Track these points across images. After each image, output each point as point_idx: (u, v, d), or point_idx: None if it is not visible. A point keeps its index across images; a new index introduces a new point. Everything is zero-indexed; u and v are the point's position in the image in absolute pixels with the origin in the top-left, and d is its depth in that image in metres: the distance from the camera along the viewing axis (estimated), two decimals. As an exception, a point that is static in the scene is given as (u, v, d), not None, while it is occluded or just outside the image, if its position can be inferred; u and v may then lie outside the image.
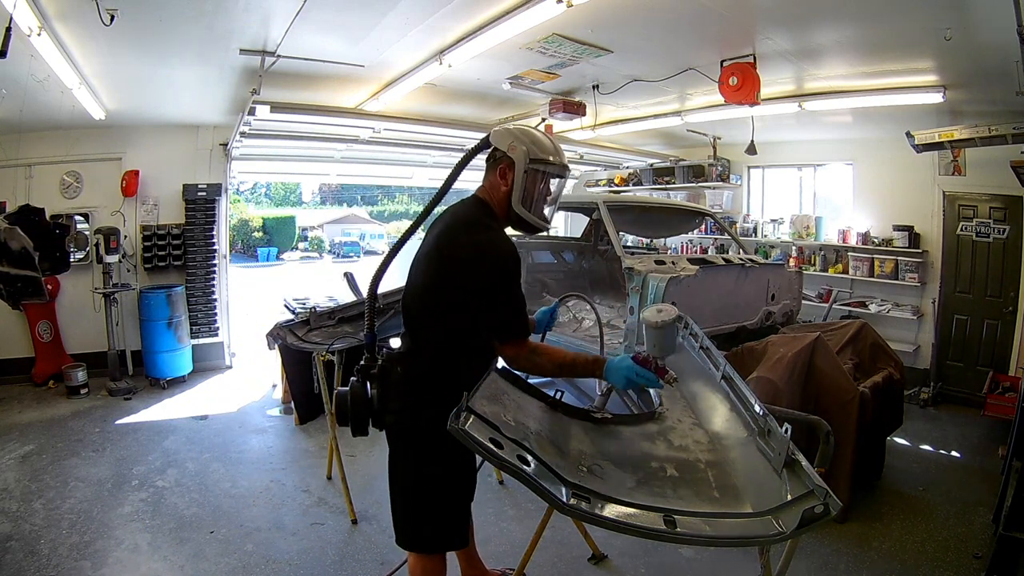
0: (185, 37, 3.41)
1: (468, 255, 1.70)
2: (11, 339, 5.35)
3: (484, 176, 1.88)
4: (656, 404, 1.90)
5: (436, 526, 1.85)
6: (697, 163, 7.14)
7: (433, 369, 1.78)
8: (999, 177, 4.88)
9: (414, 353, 1.81)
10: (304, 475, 3.72)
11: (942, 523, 3.21)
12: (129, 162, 5.63)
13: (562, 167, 1.85)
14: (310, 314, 3.57)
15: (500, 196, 1.81)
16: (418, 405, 1.76)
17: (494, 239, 1.73)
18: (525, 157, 1.76)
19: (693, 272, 3.48)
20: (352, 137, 5.78)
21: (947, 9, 2.88)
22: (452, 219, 1.83)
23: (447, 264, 1.73)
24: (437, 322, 1.78)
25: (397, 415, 1.77)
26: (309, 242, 26.30)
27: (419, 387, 1.76)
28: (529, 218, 1.82)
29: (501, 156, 1.80)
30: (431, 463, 1.78)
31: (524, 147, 1.76)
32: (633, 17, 3.23)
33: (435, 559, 1.92)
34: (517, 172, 1.76)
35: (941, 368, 5.48)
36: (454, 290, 1.72)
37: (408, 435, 1.81)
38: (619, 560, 2.82)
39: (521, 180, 1.77)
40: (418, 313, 1.83)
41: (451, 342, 1.78)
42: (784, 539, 1.32)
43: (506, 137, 1.79)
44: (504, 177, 1.79)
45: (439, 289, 1.76)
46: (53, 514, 3.12)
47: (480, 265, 1.69)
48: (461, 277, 1.70)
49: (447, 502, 1.85)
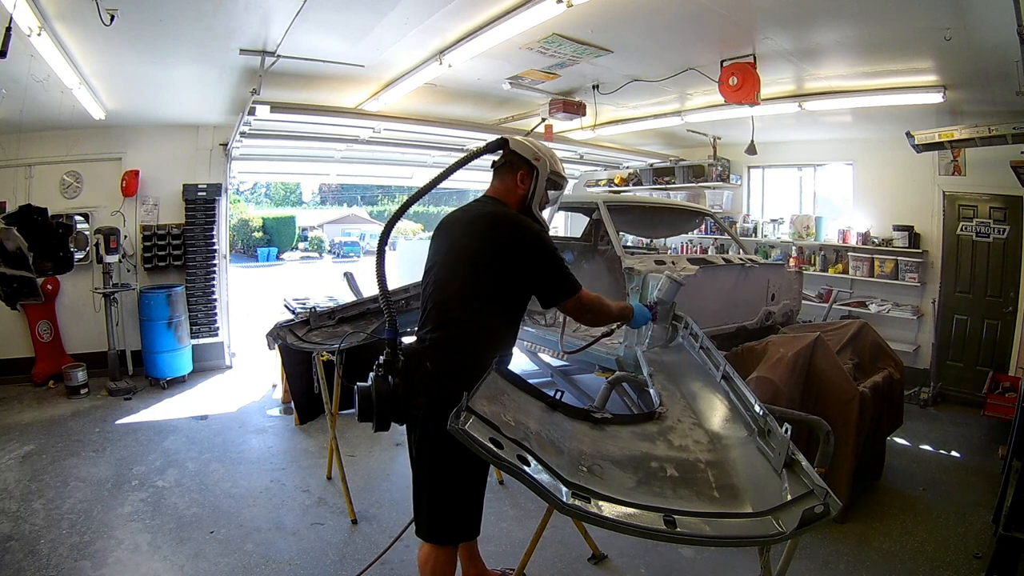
0: (185, 37, 3.41)
1: (510, 237, 1.93)
2: (11, 339, 5.35)
3: (496, 179, 2.11)
4: (656, 404, 1.90)
5: (459, 517, 1.93)
6: (697, 163, 7.15)
7: (464, 360, 1.82)
8: (999, 177, 4.88)
9: (442, 347, 1.86)
10: (304, 475, 3.72)
11: (942, 523, 3.21)
12: (129, 162, 5.63)
13: (563, 179, 2.19)
14: (310, 314, 3.56)
15: (516, 198, 2.06)
16: (450, 398, 1.75)
17: (523, 222, 1.99)
18: (547, 168, 2.07)
19: (693, 272, 3.48)
20: (352, 137, 5.78)
21: (947, 9, 2.88)
22: (481, 215, 2.02)
23: (492, 250, 1.92)
24: (485, 307, 1.90)
25: (426, 409, 1.80)
26: (309, 242, 26.28)
27: (449, 380, 1.78)
28: (541, 219, 2.10)
29: (521, 163, 2.05)
30: (458, 456, 1.78)
31: (548, 161, 2.08)
32: (633, 17, 3.23)
33: (449, 551, 1.98)
34: (540, 180, 2.06)
35: (941, 368, 5.48)
36: (506, 270, 1.91)
37: (434, 430, 1.80)
38: (619, 560, 2.82)
39: (543, 187, 2.08)
40: (457, 304, 1.90)
41: (492, 329, 1.93)
42: (784, 539, 1.32)
43: (530, 149, 2.07)
44: (524, 182, 2.05)
45: (489, 274, 1.91)
46: (53, 514, 3.12)
47: (523, 242, 1.92)
48: (510, 256, 1.91)
49: (471, 493, 1.94)
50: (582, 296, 2.00)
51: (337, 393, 3.31)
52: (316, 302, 5.00)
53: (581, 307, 2.02)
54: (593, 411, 1.82)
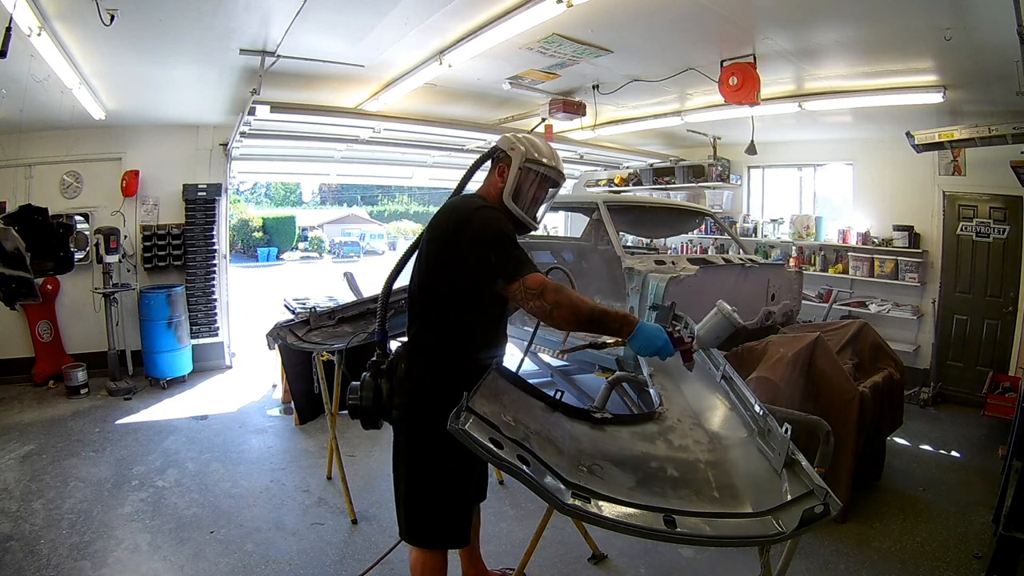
0: (185, 37, 3.40)
1: (447, 222, 1.78)
2: (11, 339, 5.35)
3: (485, 178, 2.00)
4: (656, 404, 1.90)
5: (434, 519, 1.88)
6: (697, 163, 7.14)
7: (431, 366, 1.81)
8: (999, 177, 4.88)
9: (413, 350, 1.86)
10: (304, 475, 3.72)
11: (942, 523, 3.21)
12: (129, 162, 5.63)
13: (553, 170, 1.93)
14: (310, 314, 3.56)
15: (495, 192, 1.91)
16: (416, 402, 1.80)
17: (467, 206, 1.80)
18: (522, 156, 1.89)
19: (693, 272, 3.49)
20: (352, 137, 5.78)
21: (947, 9, 2.88)
22: (445, 207, 1.90)
23: (441, 237, 1.78)
24: (439, 297, 1.82)
25: (399, 410, 1.82)
26: (309, 242, 26.29)
27: (418, 384, 1.80)
28: (518, 213, 1.89)
29: (501, 155, 1.93)
30: (428, 458, 1.81)
31: (523, 148, 1.90)
32: (633, 17, 3.23)
33: (435, 555, 1.94)
34: (512, 168, 1.88)
35: (941, 368, 5.48)
36: (447, 257, 1.75)
37: (407, 430, 1.86)
38: (619, 560, 2.82)
39: (515, 176, 1.88)
40: (417, 303, 1.88)
41: (459, 326, 1.81)
42: (784, 539, 1.32)
43: (509, 140, 1.94)
44: (502, 175, 1.91)
45: (437, 267, 1.80)
46: (53, 514, 3.12)
47: (459, 224, 1.73)
48: (448, 242, 1.74)
49: (446, 496, 1.87)
50: (527, 280, 1.63)
51: (337, 393, 3.31)
52: (316, 302, 5.00)
53: (527, 294, 1.62)
54: (593, 411, 1.83)
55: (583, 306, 1.63)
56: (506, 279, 1.65)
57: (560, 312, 1.62)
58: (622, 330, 1.65)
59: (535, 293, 1.62)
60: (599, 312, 1.65)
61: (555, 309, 1.61)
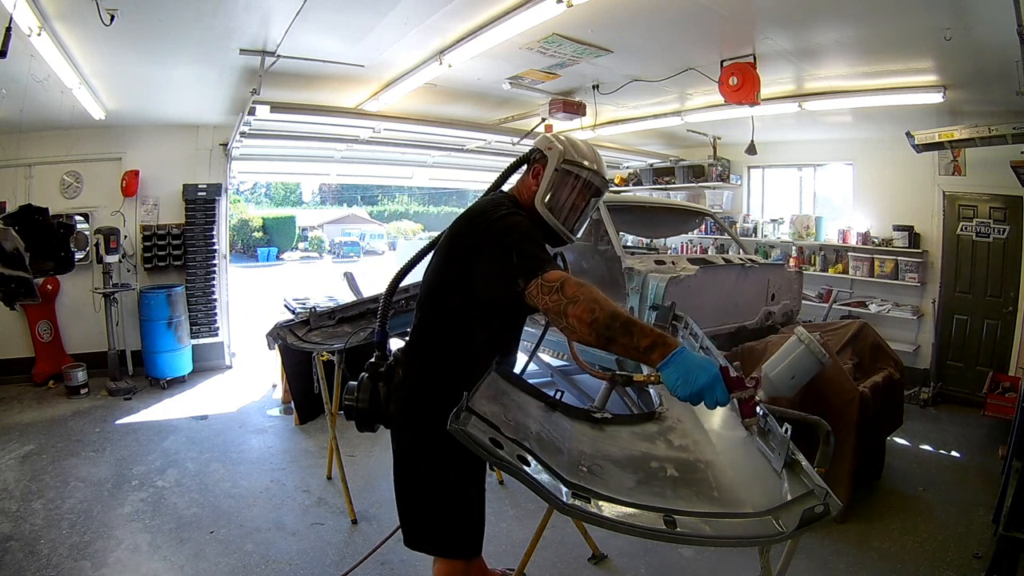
0: (185, 37, 3.41)
1: (467, 223, 1.65)
2: (11, 339, 5.35)
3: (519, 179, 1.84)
4: (656, 404, 1.90)
5: (435, 527, 1.80)
6: (697, 163, 7.15)
7: (429, 373, 1.74)
8: (999, 177, 4.88)
9: (412, 355, 1.79)
10: (304, 475, 3.72)
11: (942, 523, 3.21)
12: (129, 162, 5.63)
13: (596, 175, 1.74)
14: (310, 314, 3.56)
15: (528, 196, 1.75)
16: (411, 410, 1.74)
17: (491, 205, 1.64)
18: (559, 156, 1.71)
19: (693, 272, 3.49)
20: (352, 137, 5.78)
21: (947, 9, 2.88)
22: (469, 209, 1.75)
23: (450, 241, 1.67)
24: (447, 308, 1.69)
25: (396, 416, 1.78)
26: (309, 242, 26.30)
27: (415, 392, 1.74)
28: (551, 221, 1.71)
29: (538, 156, 1.77)
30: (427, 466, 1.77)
31: (561, 147, 1.72)
32: (633, 17, 3.23)
33: (455, 565, 1.81)
34: (547, 169, 1.71)
35: (941, 368, 5.48)
36: (459, 257, 1.62)
37: (404, 436, 1.81)
38: (619, 560, 2.82)
39: (550, 178, 1.70)
40: (423, 306, 1.77)
41: (464, 334, 1.68)
42: (784, 539, 1.32)
43: (547, 139, 1.78)
44: (536, 177, 1.74)
45: (448, 268, 1.67)
46: (53, 514, 3.12)
47: (478, 224, 1.60)
48: (463, 242, 1.62)
49: (444, 504, 1.80)
50: (547, 276, 1.40)
51: (337, 393, 3.31)
52: (316, 302, 5.01)
53: (544, 288, 1.39)
54: (593, 411, 1.82)
55: (606, 306, 1.33)
56: (525, 277, 1.43)
57: (577, 310, 1.33)
58: (653, 351, 1.27)
59: (553, 287, 1.38)
60: (624, 319, 1.31)
61: (571, 305, 1.33)
